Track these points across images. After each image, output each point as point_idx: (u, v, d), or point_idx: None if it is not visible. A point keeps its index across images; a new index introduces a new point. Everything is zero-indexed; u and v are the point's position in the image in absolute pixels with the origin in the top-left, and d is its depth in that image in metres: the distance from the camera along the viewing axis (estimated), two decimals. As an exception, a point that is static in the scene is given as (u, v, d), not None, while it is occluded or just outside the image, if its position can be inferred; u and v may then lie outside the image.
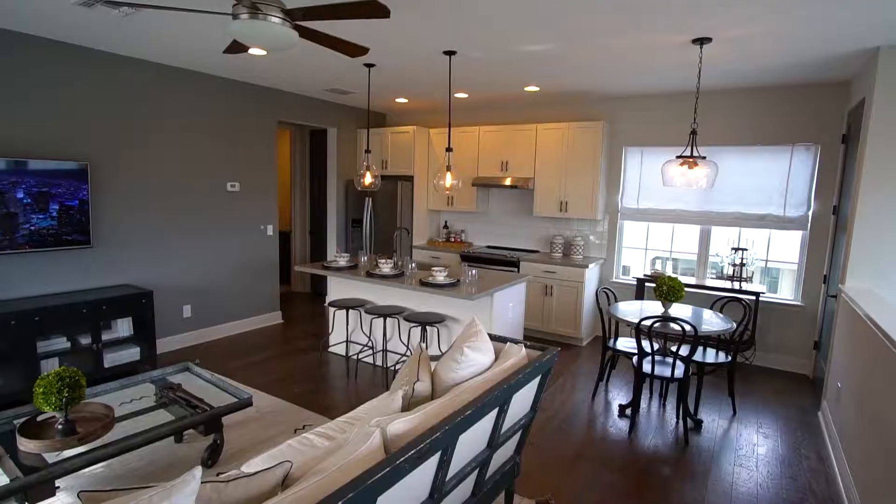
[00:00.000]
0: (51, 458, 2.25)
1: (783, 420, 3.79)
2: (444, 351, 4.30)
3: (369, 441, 1.51)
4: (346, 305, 4.39)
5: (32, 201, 3.75)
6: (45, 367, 3.69)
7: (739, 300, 4.02)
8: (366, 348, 4.80)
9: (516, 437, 2.40)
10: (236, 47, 2.93)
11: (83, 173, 4.00)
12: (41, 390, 2.23)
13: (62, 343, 3.84)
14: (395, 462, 1.39)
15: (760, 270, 5.03)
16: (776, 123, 4.73)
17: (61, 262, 4.05)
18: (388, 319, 4.64)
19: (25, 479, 2.06)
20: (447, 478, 1.76)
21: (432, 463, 1.62)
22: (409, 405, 2.07)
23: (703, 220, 5.15)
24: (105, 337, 4.06)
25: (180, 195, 4.85)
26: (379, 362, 4.72)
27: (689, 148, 3.66)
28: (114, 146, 4.31)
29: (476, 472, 2.03)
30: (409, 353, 4.53)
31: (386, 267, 4.40)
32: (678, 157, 3.68)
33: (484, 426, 1.95)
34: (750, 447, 3.37)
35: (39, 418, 2.42)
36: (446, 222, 6.82)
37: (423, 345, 4.31)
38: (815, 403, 4.11)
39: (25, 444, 2.20)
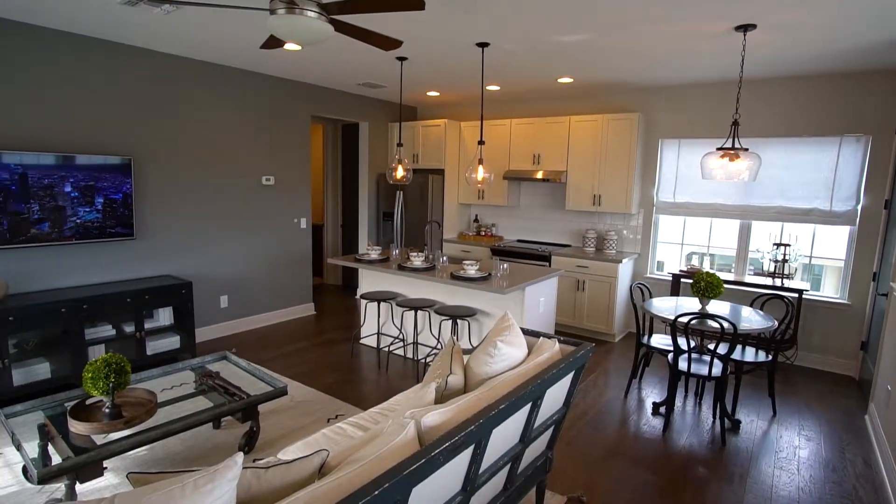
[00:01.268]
0: (98, 439, 2.35)
1: (827, 423, 3.65)
2: (474, 345, 4.30)
3: (404, 432, 1.52)
4: (378, 298, 4.43)
5: (79, 195, 3.91)
6: (93, 354, 3.85)
7: (781, 297, 3.88)
8: (397, 341, 4.85)
9: (549, 432, 2.38)
10: (273, 43, 2.98)
11: (127, 168, 4.15)
12: (90, 375, 2.33)
13: (108, 331, 4.00)
14: (431, 454, 1.39)
15: (803, 267, 4.84)
16: (823, 113, 4.52)
17: (106, 253, 4.21)
18: (419, 312, 4.66)
19: (76, 459, 2.16)
20: (480, 471, 1.76)
21: (466, 455, 1.62)
22: (441, 398, 2.08)
23: (744, 215, 4.98)
24: (147, 325, 4.21)
25: (217, 189, 4.97)
26: (410, 355, 4.75)
27: (730, 139, 3.54)
28: (155, 141, 4.45)
29: (508, 466, 2.02)
30: (439, 346, 4.55)
31: (417, 260, 4.42)
32: (719, 148, 3.56)
33: (517, 420, 1.94)
34: (791, 449, 3.25)
35: (88, 402, 2.53)
36: (477, 216, 6.80)
37: (455, 338, 4.32)
38: (862, 406, 3.93)
39: (76, 427, 2.31)
